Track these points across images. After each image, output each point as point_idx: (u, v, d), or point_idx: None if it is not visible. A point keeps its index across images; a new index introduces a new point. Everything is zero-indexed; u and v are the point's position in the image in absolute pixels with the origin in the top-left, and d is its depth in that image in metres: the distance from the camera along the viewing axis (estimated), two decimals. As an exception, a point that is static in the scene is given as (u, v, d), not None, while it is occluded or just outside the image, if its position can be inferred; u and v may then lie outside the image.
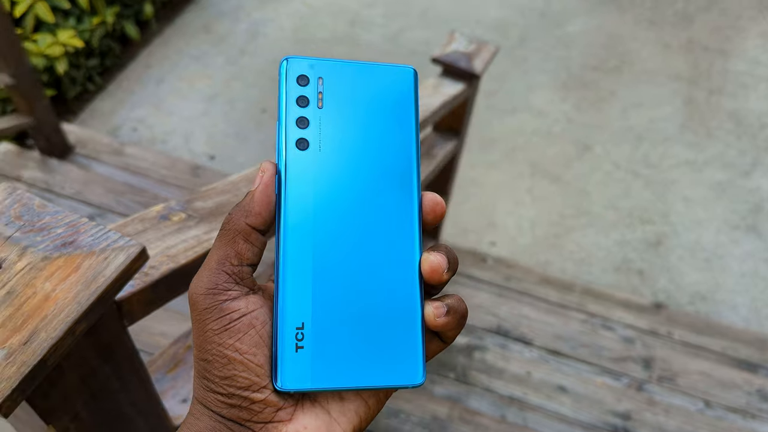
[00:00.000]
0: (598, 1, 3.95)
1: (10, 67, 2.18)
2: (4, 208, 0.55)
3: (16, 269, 0.51)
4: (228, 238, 0.35)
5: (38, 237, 0.53)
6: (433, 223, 0.38)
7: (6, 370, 0.47)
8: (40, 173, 2.38)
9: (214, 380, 0.34)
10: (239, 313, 0.34)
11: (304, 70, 0.37)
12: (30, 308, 0.50)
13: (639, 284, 2.55)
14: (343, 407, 0.35)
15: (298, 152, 0.36)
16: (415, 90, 0.39)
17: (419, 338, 0.36)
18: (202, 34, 3.59)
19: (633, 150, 3.08)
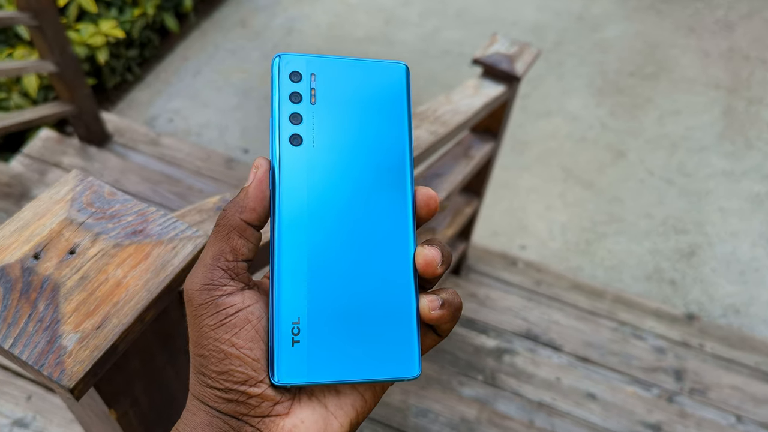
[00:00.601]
0: (636, 7, 3.90)
1: (55, 55, 2.22)
2: (77, 195, 0.56)
3: (89, 255, 0.52)
4: (223, 233, 0.35)
5: (109, 224, 0.54)
6: (426, 218, 0.38)
7: (80, 354, 0.48)
8: (80, 160, 2.42)
9: (210, 375, 0.34)
10: (235, 308, 0.34)
11: (296, 67, 0.37)
12: (102, 294, 0.51)
13: (671, 294, 2.52)
14: (339, 401, 0.36)
15: (292, 148, 0.36)
16: (407, 85, 0.39)
17: (414, 331, 0.36)
18: (239, 28, 3.61)
19: (668, 158, 3.03)
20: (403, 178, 0.37)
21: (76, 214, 0.54)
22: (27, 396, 1.45)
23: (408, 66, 0.39)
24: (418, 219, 0.38)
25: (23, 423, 1.41)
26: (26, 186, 2.21)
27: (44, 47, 2.20)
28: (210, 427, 0.34)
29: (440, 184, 1.60)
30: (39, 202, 0.55)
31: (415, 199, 0.38)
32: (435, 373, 1.87)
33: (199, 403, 0.34)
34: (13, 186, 2.19)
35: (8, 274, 0.50)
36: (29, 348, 0.47)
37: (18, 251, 0.51)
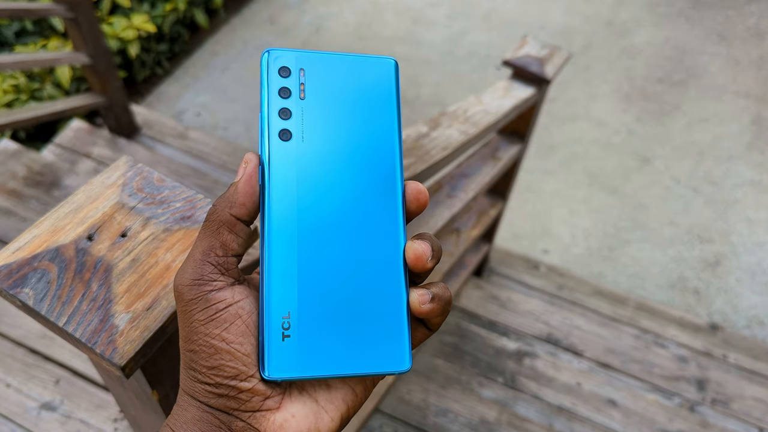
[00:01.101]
0: (666, 13, 3.87)
1: (88, 48, 2.25)
2: (128, 180, 0.57)
3: (140, 238, 0.53)
4: (213, 229, 0.35)
5: (159, 209, 0.56)
6: (416, 212, 0.38)
7: (130, 333, 0.49)
8: (109, 151, 2.46)
9: (200, 370, 0.34)
10: (225, 303, 0.34)
11: (285, 62, 0.37)
12: (152, 276, 0.52)
13: (694, 303, 2.49)
14: (330, 395, 0.36)
15: (281, 143, 0.36)
16: (396, 80, 0.39)
17: (405, 325, 0.36)
18: (267, 25, 3.64)
19: (695, 166, 3.00)
20: (392, 173, 0.37)
21: (127, 199, 0.56)
22: (55, 380, 1.48)
23: (397, 61, 0.39)
24: (408, 213, 0.38)
25: (51, 406, 1.44)
26: (57, 175, 2.25)
27: (78, 39, 2.24)
28: (201, 422, 0.34)
29: (467, 184, 1.60)
30: (91, 186, 0.57)
31: (405, 193, 0.38)
32: (455, 374, 1.87)
33: (189, 399, 0.34)
34: (45, 174, 2.23)
35: (63, 254, 0.52)
36: (83, 326, 0.48)
37: (72, 232, 0.53)
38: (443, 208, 1.44)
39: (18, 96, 2.58)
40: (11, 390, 1.45)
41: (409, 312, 0.36)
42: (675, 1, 3.95)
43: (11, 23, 2.91)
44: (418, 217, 1.39)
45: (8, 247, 0.52)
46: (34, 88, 2.64)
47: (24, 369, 1.49)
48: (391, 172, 0.37)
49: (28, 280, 0.50)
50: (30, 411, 1.42)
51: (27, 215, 1.95)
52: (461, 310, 2.09)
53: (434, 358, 1.90)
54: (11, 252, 0.51)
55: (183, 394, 0.35)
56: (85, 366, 1.50)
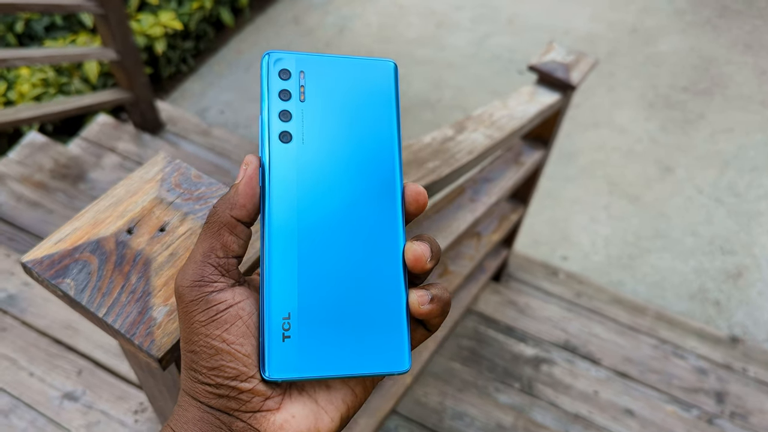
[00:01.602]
0: (693, 21, 3.84)
1: (117, 44, 2.28)
2: (166, 175, 0.58)
3: (178, 233, 0.54)
4: (213, 230, 0.35)
5: (196, 205, 0.57)
6: (415, 213, 0.38)
7: (168, 326, 0.50)
8: (134, 146, 2.49)
9: (201, 371, 0.34)
10: (226, 304, 0.34)
11: (285, 65, 0.37)
12: (190, 271, 0.53)
13: (714, 315, 2.47)
14: (330, 396, 0.36)
15: (282, 145, 0.36)
16: (395, 83, 0.39)
17: (404, 326, 0.36)
18: (292, 25, 3.66)
19: (718, 176, 2.97)
20: (392, 175, 0.38)
21: (165, 194, 0.57)
22: (78, 370, 1.50)
23: (396, 64, 0.40)
24: (407, 214, 0.38)
25: (73, 396, 1.46)
26: (83, 168, 2.28)
27: (107, 35, 2.27)
28: (201, 422, 0.34)
29: (490, 188, 1.60)
30: (131, 180, 0.58)
31: (404, 195, 0.38)
32: (472, 378, 1.87)
33: (190, 399, 0.35)
34: (71, 168, 2.26)
35: (103, 247, 0.53)
36: (122, 317, 0.50)
37: (113, 225, 0.54)
38: (466, 211, 1.44)
39: (46, 90, 2.62)
40: (34, 379, 1.47)
41: (409, 313, 0.37)
42: (702, 10, 3.92)
43: (41, 18, 2.95)
44: (438, 220, 1.39)
45: (50, 238, 0.53)
46: (62, 83, 2.68)
47: (47, 359, 1.51)
48: (390, 173, 0.38)
49: (69, 270, 0.51)
50: (52, 400, 1.45)
51: (53, 207, 1.98)
52: (479, 314, 2.08)
53: (451, 362, 1.90)
54: (53, 243, 0.53)
55: (184, 394, 0.35)
56: (107, 357, 1.52)
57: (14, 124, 2.12)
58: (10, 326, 1.56)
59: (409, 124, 3.18)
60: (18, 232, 1.89)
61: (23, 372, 1.48)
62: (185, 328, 0.35)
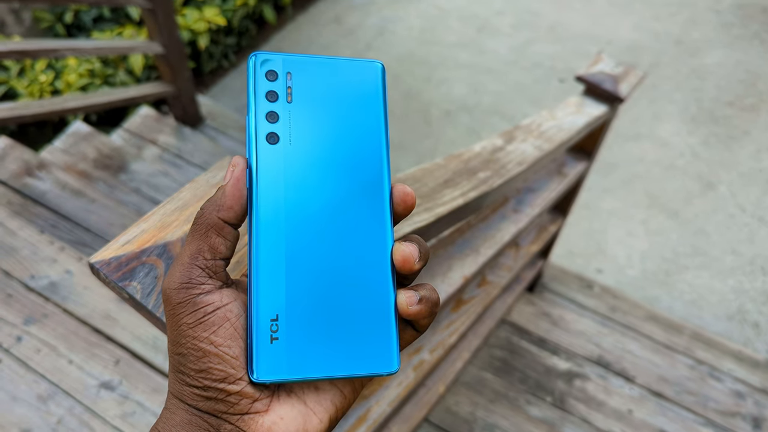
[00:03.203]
0: (740, 35, 3.75)
1: (163, 37, 2.31)
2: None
3: (244, 241, 0.54)
4: (201, 232, 0.35)
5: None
6: (404, 214, 0.38)
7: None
8: (174, 139, 2.51)
9: (189, 373, 0.33)
10: (213, 306, 0.34)
11: (272, 66, 0.37)
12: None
13: (753, 337, 2.41)
14: (318, 397, 0.36)
15: (269, 146, 0.36)
16: (383, 84, 0.39)
17: (392, 327, 0.36)
18: (333, 24, 3.67)
19: (762, 195, 2.90)
20: (379, 176, 0.37)
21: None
22: (115, 360, 1.52)
23: (384, 65, 0.39)
24: (395, 215, 0.38)
25: (110, 386, 1.47)
26: (124, 159, 2.31)
27: (154, 29, 2.30)
28: (189, 425, 0.34)
29: (533, 199, 1.58)
30: (196, 184, 0.58)
31: (392, 195, 0.38)
32: (503, 389, 1.85)
33: (178, 402, 0.35)
34: (113, 158, 2.29)
35: (170, 251, 0.53)
36: (188, 323, 0.49)
37: (179, 229, 0.54)
38: (509, 222, 1.43)
39: (92, 80, 2.66)
40: (73, 366, 1.50)
41: (397, 313, 0.36)
42: (750, 23, 3.83)
43: (90, 9, 3.00)
44: (484, 231, 1.38)
45: (117, 240, 0.53)
46: (107, 74, 2.72)
47: (86, 347, 1.53)
48: (378, 174, 0.37)
49: (136, 273, 0.51)
50: (89, 389, 1.47)
51: (95, 197, 2.02)
52: (512, 324, 2.06)
53: (483, 372, 1.89)
54: (120, 245, 0.53)
55: (171, 397, 0.35)
56: (144, 349, 1.54)
57: (61, 113, 2.16)
58: (51, 313, 1.59)
59: (447, 127, 3.17)
60: (60, 219, 1.93)
61: (63, 359, 1.51)
62: (172, 331, 0.34)
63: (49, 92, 2.64)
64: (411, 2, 3.87)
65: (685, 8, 3.92)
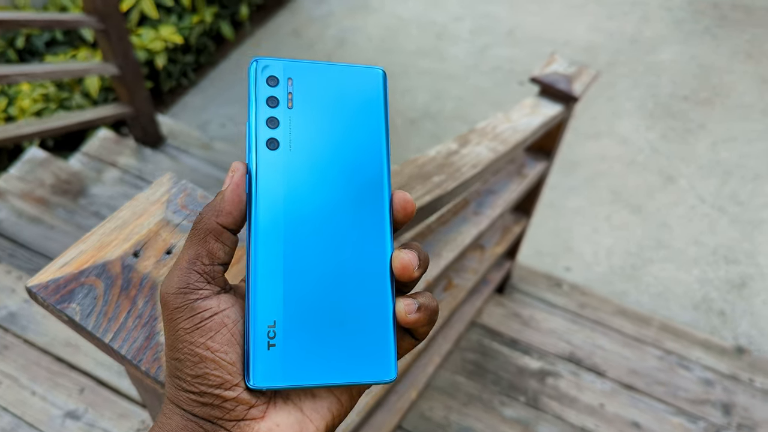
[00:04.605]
0: (692, 30, 3.84)
1: (118, 58, 2.28)
2: (172, 197, 0.57)
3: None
4: (199, 237, 0.35)
5: (203, 227, 0.56)
6: (403, 221, 0.38)
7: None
8: (135, 161, 2.48)
9: (185, 379, 0.33)
10: (211, 311, 0.34)
11: (273, 71, 0.37)
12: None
13: (719, 325, 2.45)
14: (315, 404, 0.35)
15: (269, 152, 0.36)
16: (384, 90, 0.39)
17: (391, 335, 0.36)
18: (292, 38, 3.67)
19: (720, 185, 2.97)
20: (380, 183, 0.37)
21: (171, 216, 0.56)
22: (80, 389, 1.49)
23: (385, 71, 0.39)
24: (395, 223, 0.38)
25: (75, 415, 1.44)
26: (84, 183, 2.28)
27: (108, 50, 2.27)
28: (185, 430, 0.34)
29: (494, 201, 1.59)
30: (136, 202, 0.57)
31: (392, 202, 0.38)
32: (477, 392, 1.86)
33: (174, 407, 0.34)
34: (72, 183, 2.25)
35: (109, 271, 0.52)
36: (128, 343, 0.49)
37: (118, 249, 0.53)
38: (470, 225, 1.44)
39: (47, 105, 2.62)
40: (36, 398, 1.46)
41: (395, 321, 0.36)
42: (701, 19, 3.93)
43: (42, 33, 2.96)
44: (445, 234, 1.38)
45: (55, 262, 0.52)
46: (63, 98, 2.68)
47: (49, 377, 1.50)
48: (378, 181, 0.37)
49: (75, 295, 0.50)
50: (54, 419, 1.43)
51: (54, 223, 1.98)
52: (483, 327, 2.07)
53: (456, 375, 1.89)
54: (58, 267, 0.52)
55: (168, 402, 0.35)
56: (109, 375, 1.51)
57: (15, 139, 2.11)
58: (11, 344, 1.55)
59: (412, 135, 3.18)
60: (18, 248, 1.89)
61: (25, 391, 1.47)
62: (170, 336, 0.34)
63: (3, 119, 2.59)
64: (369, 12, 3.89)
65: (637, 7, 4.01)
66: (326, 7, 3.90)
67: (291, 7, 3.88)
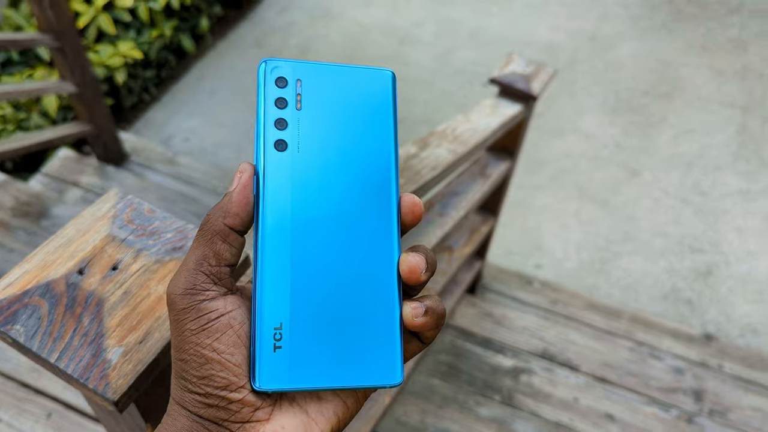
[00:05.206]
0: (649, 26, 3.92)
1: (75, 76, 2.25)
2: (118, 212, 0.57)
3: (131, 271, 0.53)
4: (206, 238, 0.35)
5: (150, 241, 0.55)
6: (411, 224, 0.38)
7: (123, 367, 0.48)
8: (97, 179, 2.45)
9: (191, 380, 0.33)
10: (217, 313, 0.34)
11: (282, 72, 0.37)
12: (145, 309, 0.51)
13: (688, 314, 2.50)
14: (321, 407, 0.35)
15: (277, 153, 0.36)
16: (393, 92, 0.39)
17: (397, 338, 0.36)
18: (254, 48, 3.66)
19: (683, 177, 3.03)
20: (388, 185, 0.37)
21: (117, 231, 0.55)
22: (47, 413, 1.46)
23: (394, 73, 0.39)
24: (403, 225, 0.38)
25: (43, 440, 1.41)
26: (45, 204, 2.24)
27: (65, 68, 2.24)
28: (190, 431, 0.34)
29: (458, 202, 1.60)
30: (81, 219, 0.56)
31: (400, 205, 0.38)
32: (452, 393, 1.86)
33: (179, 408, 0.34)
34: (32, 205, 2.21)
35: (53, 290, 0.51)
36: (74, 362, 0.48)
37: (62, 267, 0.52)
38: (435, 227, 1.44)
39: (4, 126, 2.57)
40: (2, 425, 1.43)
41: (402, 325, 0.36)
42: (656, 15, 4.01)
43: (-3, 54, 2.91)
44: (410, 237, 1.39)
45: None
46: (20, 119, 2.63)
47: (15, 403, 1.47)
48: (386, 183, 0.37)
49: (18, 316, 0.50)
50: (22, 446, 1.40)
51: (14, 246, 1.94)
52: (456, 328, 2.08)
53: (430, 378, 1.89)
54: (1, 289, 0.51)
55: (173, 403, 0.35)
56: (77, 399, 1.48)
57: (-28, 163, 2.07)
58: (-26, 372, 1.52)
59: (377, 141, 3.18)
60: (-20, 273, 1.84)
61: (-10, 419, 1.44)
62: (176, 336, 0.34)
63: (-40, 142, 2.53)
64: (331, 20, 3.89)
65: (595, 5, 4.08)
66: (288, 17, 3.89)
67: (252, 18, 3.86)
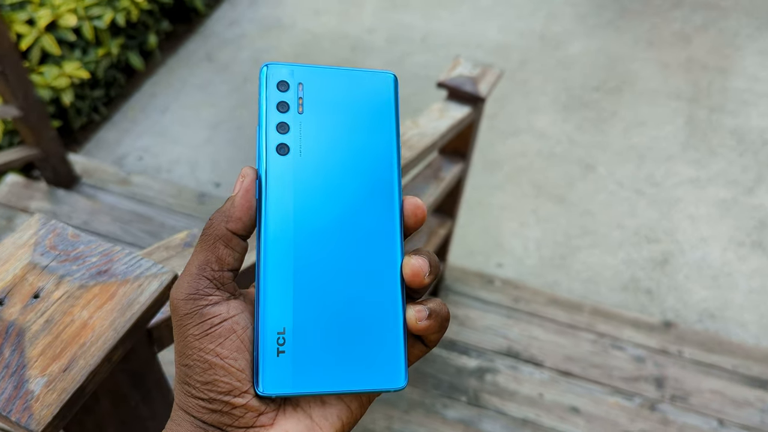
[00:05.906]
0: (596, 24, 4.00)
1: (18, 100, 2.20)
2: (40, 239, 0.55)
3: (53, 298, 0.52)
4: (209, 243, 0.35)
5: (74, 266, 0.54)
6: (414, 227, 0.38)
7: (47, 397, 0.47)
8: (48, 204, 2.39)
9: (195, 385, 0.33)
10: (220, 318, 0.34)
11: (284, 76, 0.37)
12: (68, 336, 0.50)
13: (647, 303, 2.55)
14: (325, 411, 0.35)
15: (279, 157, 0.36)
16: (395, 95, 0.39)
17: (401, 342, 0.36)
18: (206, 63, 3.63)
19: (636, 169, 3.09)
20: (390, 188, 0.37)
21: (39, 258, 0.54)
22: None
23: (396, 75, 0.40)
24: (406, 228, 0.38)
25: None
26: (-6, 232, 2.18)
27: (7, 92, 2.19)
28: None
29: (412, 207, 1.61)
30: (2, 247, 0.55)
31: (403, 208, 0.38)
32: (418, 397, 1.86)
33: (183, 414, 0.34)
34: (-19, 233, 2.15)
35: (-29, 322, 0.50)
36: (-5, 396, 0.46)
37: (-20, 298, 0.51)
38: (388, 232, 1.44)
39: (-52, 154, 2.49)
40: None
41: (406, 328, 0.36)
42: (603, 12, 4.10)
43: (-63, 80, 2.82)
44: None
45: None
46: (-35, 145, 2.56)
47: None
48: (389, 187, 0.37)
49: (-66, 352, 0.48)
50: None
51: (-37, 277, 1.88)
52: (420, 331, 2.08)
53: (396, 384, 1.89)
54: None
55: (177, 409, 0.35)
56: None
57: None
58: None
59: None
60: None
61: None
62: (179, 342, 0.34)
63: None
64: (282, 31, 3.88)
65: (543, 5, 4.15)
66: (238, 29, 3.87)
67: (202, 32, 3.83)
